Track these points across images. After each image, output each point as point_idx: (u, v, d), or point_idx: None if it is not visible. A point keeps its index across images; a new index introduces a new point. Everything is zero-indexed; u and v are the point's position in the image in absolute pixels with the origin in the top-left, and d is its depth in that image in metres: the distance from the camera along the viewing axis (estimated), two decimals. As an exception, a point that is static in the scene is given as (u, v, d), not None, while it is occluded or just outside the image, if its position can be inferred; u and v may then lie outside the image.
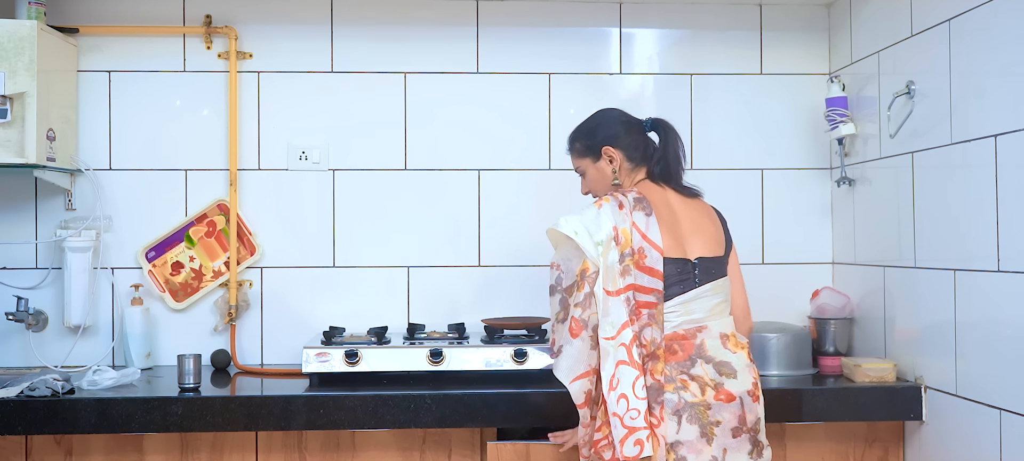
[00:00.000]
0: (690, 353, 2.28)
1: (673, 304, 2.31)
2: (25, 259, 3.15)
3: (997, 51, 2.37)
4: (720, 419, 2.24)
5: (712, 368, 2.28)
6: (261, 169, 3.21)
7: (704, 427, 2.24)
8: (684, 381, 2.25)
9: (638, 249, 2.30)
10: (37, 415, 2.52)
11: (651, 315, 2.28)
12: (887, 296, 2.91)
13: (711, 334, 2.32)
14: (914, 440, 2.74)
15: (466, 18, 3.26)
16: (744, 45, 3.32)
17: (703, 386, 2.26)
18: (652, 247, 2.30)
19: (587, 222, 2.32)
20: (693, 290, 2.33)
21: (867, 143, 3.04)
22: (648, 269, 2.29)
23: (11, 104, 2.80)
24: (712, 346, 2.30)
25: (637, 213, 2.33)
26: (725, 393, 2.26)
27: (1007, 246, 2.33)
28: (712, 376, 2.27)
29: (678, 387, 2.25)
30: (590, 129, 2.54)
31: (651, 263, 2.30)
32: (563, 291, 2.33)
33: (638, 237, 2.31)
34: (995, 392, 2.38)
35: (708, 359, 2.29)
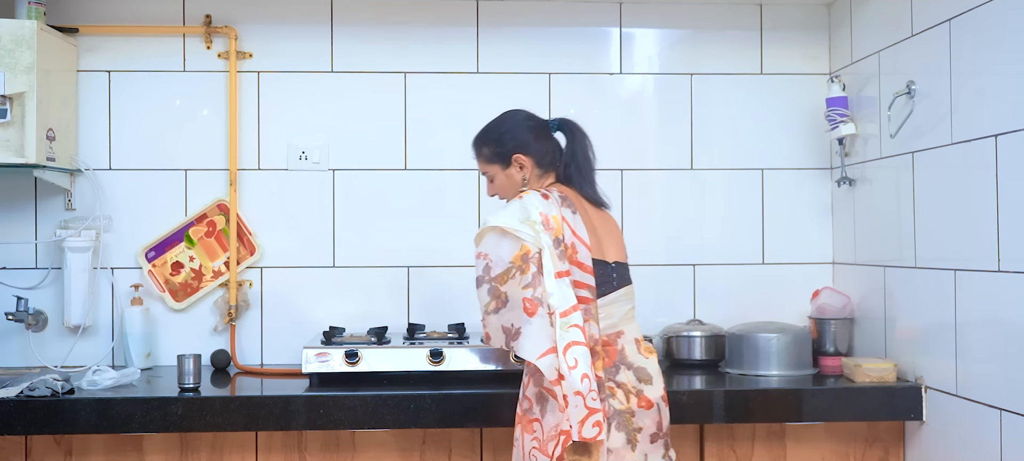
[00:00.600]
0: (614, 359, 2.27)
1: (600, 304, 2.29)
2: (25, 259, 3.15)
3: (997, 51, 2.37)
4: (642, 425, 2.24)
5: (632, 375, 2.27)
6: (261, 169, 3.21)
7: (629, 434, 2.22)
8: (611, 389, 2.24)
9: (570, 244, 2.26)
10: (37, 415, 2.52)
11: (587, 311, 2.23)
12: (887, 296, 2.91)
13: (628, 340, 2.31)
14: (914, 440, 2.74)
15: (466, 18, 3.26)
16: (744, 45, 3.32)
17: (627, 393, 2.24)
18: (581, 243, 2.28)
19: (514, 212, 2.25)
20: (612, 293, 2.32)
21: (867, 143, 3.04)
22: (580, 264, 2.26)
23: (11, 104, 2.79)
24: (631, 352, 2.30)
25: (565, 209, 2.30)
26: (645, 399, 2.26)
27: (1007, 246, 2.32)
28: (634, 383, 2.26)
29: (608, 394, 2.23)
30: (498, 135, 2.46)
31: (582, 259, 2.27)
32: (492, 280, 2.22)
33: (568, 232, 2.27)
34: (996, 392, 2.38)
35: (629, 365, 2.28)
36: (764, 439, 2.75)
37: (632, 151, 3.29)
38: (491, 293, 2.23)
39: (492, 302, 2.23)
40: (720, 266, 3.30)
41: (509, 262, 2.20)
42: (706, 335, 3.08)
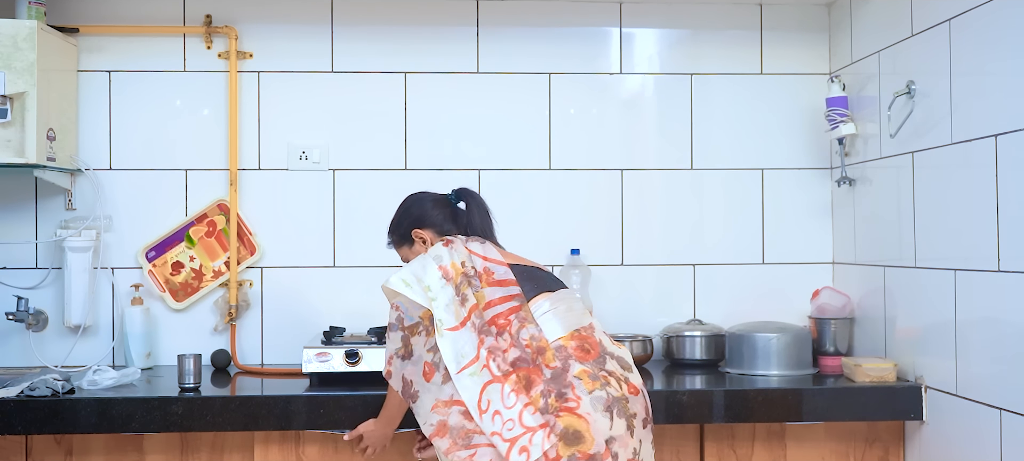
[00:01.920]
0: (598, 350, 2.31)
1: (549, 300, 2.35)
2: (25, 259, 3.15)
3: (997, 51, 2.37)
4: (635, 411, 2.26)
5: (617, 364, 2.31)
6: (261, 169, 3.21)
7: (628, 420, 2.24)
8: (605, 377, 2.26)
9: (483, 270, 2.37)
10: (37, 415, 2.52)
11: (520, 318, 2.31)
12: (887, 296, 2.91)
13: (599, 332, 2.37)
14: (914, 440, 2.74)
15: (466, 18, 3.26)
16: (744, 45, 3.32)
17: (619, 381, 2.27)
18: (496, 263, 2.39)
19: (415, 270, 2.37)
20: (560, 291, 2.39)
21: (867, 143, 3.04)
22: (499, 282, 2.36)
23: (11, 104, 2.80)
24: (607, 343, 2.35)
25: (473, 243, 2.44)
26: (631, 386, 2.29)
27: (1007, 246, 2.33)
28: (620, 371, 2.30)
29: (604, 383, 2.24)
30: (397, 221, 2.62)
31: (501, 276, 2.37)
32: (405, 329, 2.34)
33: (479, 260, 2.39)
34: (995, 392, 2.38)
35: (612, 356, 2.33)
36: (764, 439, 2.75)
37: (632, 151, 3.29)
38: (402, 341, 2.35)
39: (402, 348, 2.35)
40: (720, 266, 3.30)
41: (418, 318, 2.33)
42: (706, 335, 3.08)
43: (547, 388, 2.23)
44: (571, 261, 3.21)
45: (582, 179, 3.28)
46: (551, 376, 2.25)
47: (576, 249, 3.22)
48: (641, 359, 3.06)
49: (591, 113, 3.29)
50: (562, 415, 2.19)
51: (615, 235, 3.29)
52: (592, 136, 3.29)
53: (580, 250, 3.23)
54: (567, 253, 3.22)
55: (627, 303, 3.25)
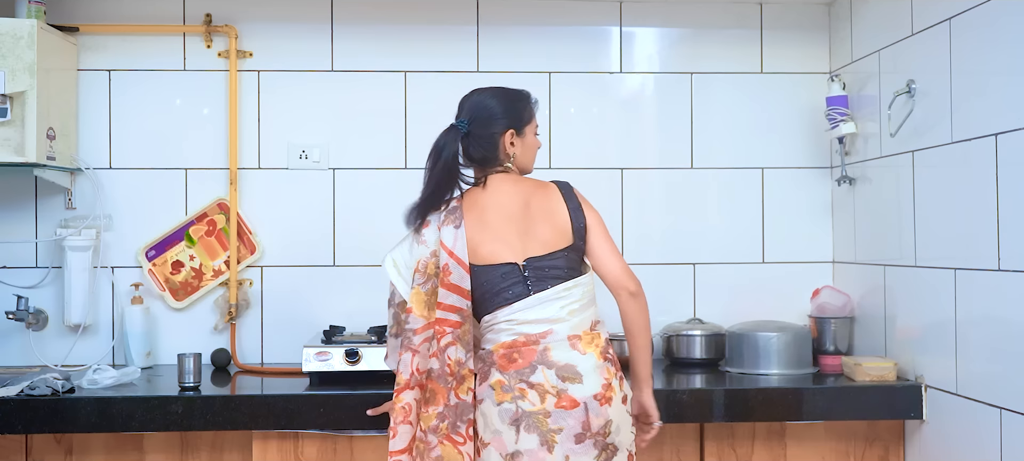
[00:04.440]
0: (531, 359, 2.23)
1: (506, 314, 2.26)
2: (25, 258, 3.15)
3: (997, 50, 2.37)
4: (561, 426, 2.18)
5: (553, 374, 2.21)
6: (261, 168, 3.21)
7: (544, 435, 2.18)
8: (522, 390, 2.21)
9: (443, 266, 2.28)
10: (37, 414, 2.52)
11: (456, 335, 2.26)
12: (887, 295, 2.91)
13: (557, 337, 2.24)
14: (915, 439, 2.74)
15: (466, 17, 3.26)
16: (745, 44, 3.32)
17: (543, 394, 2.20)
18: (458, 263, 2.27)
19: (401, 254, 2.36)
20: (527, 298, 2.26)
21: (867, 142, 3.04)
22: (453, 286, 2.27)
23: (11, 103, 2.80)
24: (557, 351, 2.22)
25: (446, 228, 2.31)
26: (568, 399, 2.20)
27: (1007, 245, 2.32)
28: (553, 382, 2.20)
29: (516, 396, 2.20)
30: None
31: (456, 280, 2.27)
32: (396, 306, 2.37)
33: (445, 255, 2.28)
34: (996, 391, 2.38)
35: (550, 364, 2.22)
36: (764, 438, 2.75)
37: (632, 150, 3.29)
38: (394, 318, 2.38)
39: (394, 326, 2.38)
40: (720, 265, 3.30)
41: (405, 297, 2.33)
42: (706, 334, 3.08)
43: (445, 413, 2.24)
44: (571, 260, 3.21)
45: (582, 178, 3.25)
46: (456, 405, 2.24)
47: (576, 248, 3.22)
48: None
49: (591, 112, 3.29)
50: (445, 444, 2.22)
51: (615, 234, 3.28)
52: (592, 135, 3.29)
53: (580, 249, 3.23)
54: (567, 252, 3.22)
55: (627, 302, 3.24)
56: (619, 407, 2.24)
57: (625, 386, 2.29)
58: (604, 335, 2.30)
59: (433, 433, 2.23)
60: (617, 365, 2.29)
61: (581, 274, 2.31)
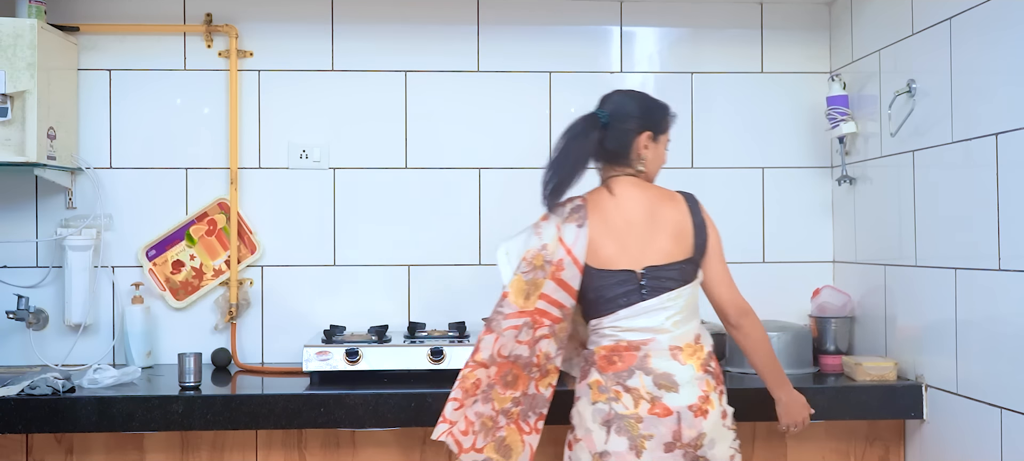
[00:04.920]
0: (630, 364, 2.25)
1: (614, 319, 2.28)
2: (26, 257, 3.15)
3: (998, 49, 2.37)
4: (652, 433, 2.20)
5: (651, 381, 2.23)
6: (262, 168, 3.21)
7: (633, 440, 2.20)
8: (617, 392, 2.23)
9: (557, 261, 2.30)
10: (38, 414, 2.52)
11: (552, 329, 2.30)
12: (888, 295, 2.91)
13: (659, 346, 2.26)
14: (915, 439, 2.74)
15: (467, 17, 3.26)
16: (745, 44, 3.32)
17: (637, 399, 2.22)
18: (573, 262, 2.29)
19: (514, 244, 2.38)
20: (639, 304, 2.27)
21: (868, 142, 3.04)
22: (563, 283, 2.29)
23: (12, 102, 2.80)
24: (657, 359, 2.25)
25: (568, 226, 2.32)
26: (661, 407, 2.21)
27: (1008, 245, 2.32)
28: (649, 389, 2.22)
29: (611, 398, 2.23)
30: None
31: (567, 278, 2.29)
32: None
33: (561, 251, 2.30)
34: (996, 391, 2.38)
35: (648, 371, 2.24)
36: (764, 438, 2.75)
37: (633, 150, 3.29)
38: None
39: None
40: (720, 265, 3.30)
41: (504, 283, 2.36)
42: (707, 334, 3.08)
43: (520, 400, 2.28)
44: (571, 260, 3.21)
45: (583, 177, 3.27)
46: (533, 395, 2.28)
47: (576, 248, 3.22)
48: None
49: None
50: (511, 428, 2.27)
51: (615, 234, 3.29)
52: (592, 135, 3.28)
53: (580, 249, 3.23)
54: (567, 252, 3.22)
55: (627, 302, 3.24)
56: (716, 421, 2.25)
57: (725, 402, 2.29)
58: (707, 347, 2.31)
59: (504, 415, 2.28)
60: (719, 379, 2.30)
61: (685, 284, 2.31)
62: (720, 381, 2.30)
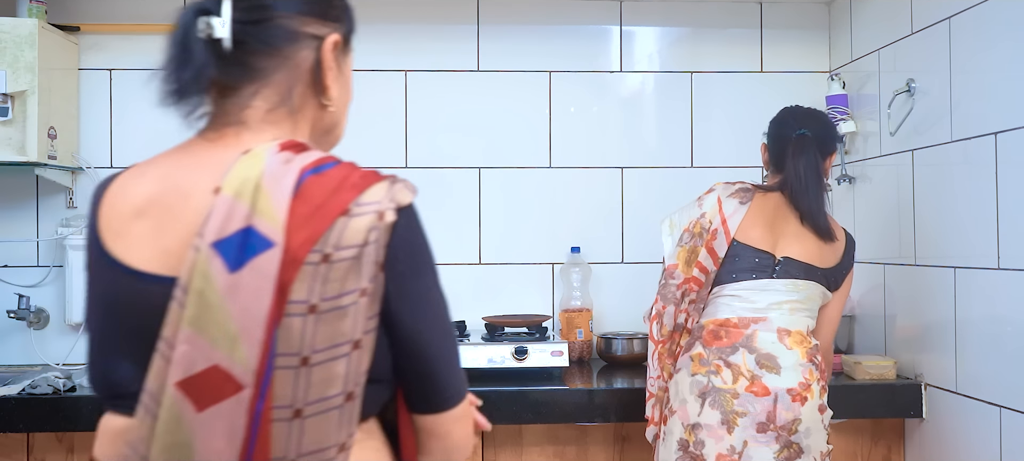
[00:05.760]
0: (735, 340, 2.28)
1: (737, 288, 2.34)
2: (26, 257, 3.15)
3: (997, 49, 2.37)
4: (746, 410, 2.22)
5: (753, 359, 2.26)
6: (262, 167, 3.21)
7: (726, 415, 2.23)
8: (718, 366, 2.27)
9: (712, 231, 2.37)
10: (39, 413, 2.52)
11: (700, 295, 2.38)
12: (887, 294, 2.91)
13: (768, 326, 2.30)
14: (914, 438, 2.74)
15: (467, 16, 3.26)
16: (744, 43, 3.32)
17: (737, 375, 2.25)
18: (725, 231, 2.36)
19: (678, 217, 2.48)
20: (764, 280, 2.33)
21: (867, 141, 3.04)
22: (711, 250, 2.37)
23: (12, 102, 2.80)
24: (764, 338, 2.28)
25: (731, 200, 2.40)
26: (760, 386, 2.24)
27: (1007, 244, 2.33)
28: (750, 367, 2.25)
29: (711, 371, 2.27)
30: None
31: (716, 246, 2.36)
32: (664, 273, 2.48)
33: (717, 220, 2.38)
34: (995, 390, 2.39)
35: (752, 350, 2.27)
36: (764, 436, 2.75)
37: (632, 149, 3.30)
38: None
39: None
40: (720, 264, 3.30)
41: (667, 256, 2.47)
42: (707, 333, 3.09)
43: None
44: (571, 259, 3.21)
45: (582, 177, 3.29)
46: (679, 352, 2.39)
47: (576, 247, 3.23)
48: (642, 357, 3.06)
49: (591, 111, 3.30)
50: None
51: (615, 233, 3.29)
52: (592, 134, 3.29)
53: (580, 248, 3.23)
54: (567, 251, 3.23)
55: (628, 301, 3.24)
56: (814, 412, 2.27)
57: (826, 399, 2.32)
58: (814, 343, 2.34)
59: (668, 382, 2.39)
60: (824, 375, 2.33)
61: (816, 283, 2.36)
62: (824, 377, 2.33)
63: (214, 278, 1.06)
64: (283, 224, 1.08)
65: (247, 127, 1.21)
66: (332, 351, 1.09)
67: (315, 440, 1.09)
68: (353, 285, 1.09)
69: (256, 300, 1.05)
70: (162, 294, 1.10)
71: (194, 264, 1.08)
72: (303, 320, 1.07)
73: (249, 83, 1.22)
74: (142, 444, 1.07)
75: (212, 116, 1.27)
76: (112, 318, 1.16)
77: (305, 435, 1.09)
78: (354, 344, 1.10)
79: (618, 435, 2.71)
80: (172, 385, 1.05)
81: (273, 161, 1.12)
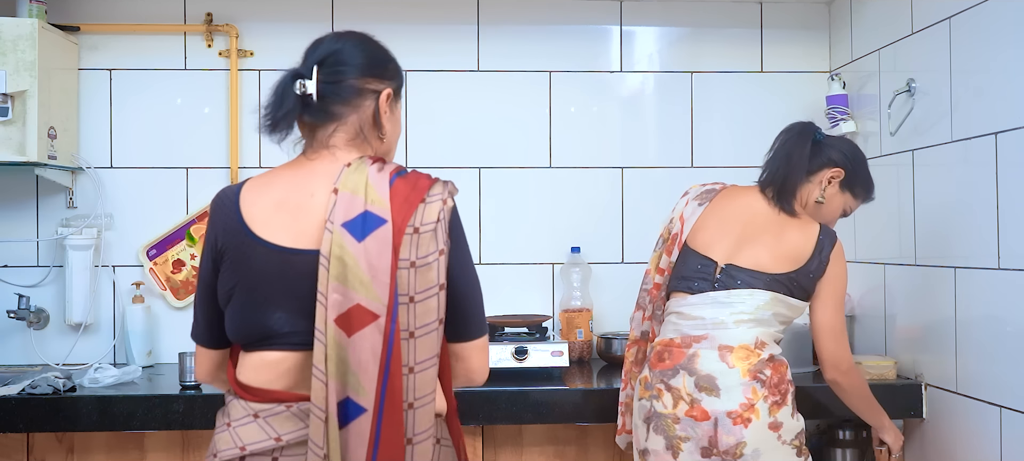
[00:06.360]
0: (677, 362, 2.23)
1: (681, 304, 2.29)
2: (26, 257, 3.15)
3: (997, 49, 2.37)
4: (688, 435, 2.17)
5: (693, 382, 2.19)
6: (262, 167, 3.21)
7: (670, 440, 2.19)
8: (660, 390, 2.24)
9: (673, 234, 2.38)
10: (39, 413, 2.52)
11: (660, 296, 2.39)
12: (887, 294, 2.91)
13: (710, 344, 2.21)
14: (915, 438, 2.74)
15: (467, 16, 3.26)
16: (745, 43, 3.32)
17: (677, 399, 2.20)
18: (681, 235, 2.37)
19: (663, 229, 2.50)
20: (705, 293, 2.25)
21: (868, 141, 3.04)
22: (669, 253, 2.38)
23: (12, 102, 2.80)
24: (706, 357, 2.20)
25: (693, 203, 2.40)
26: (699, 410, 2.17)
27: (1007, 243, 2.33)
28: (689, 390, 2.19)
29: (653, 396, 2.24)
30: None
31: (673, 249, 2.38)
32: None
33: (679, 224, 2.38)
34: (995, 389, 2.39)
35: (692, 372, 2.20)
36: (764, 436, 2.75)
37: (632, 149, 3.30)
38: None
39: None
40: (720, 264, 3.30)
41: None
42: (707, 333, 3.09)
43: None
44: (571, 259, 3.21)
45: (582, 177, 3.29)
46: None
47: (576, 247, 3.22)
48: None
49: (591, 111, 3.30)
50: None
51: (615, 233, 3.29)
52: (592, 134, 3.29)
53: (580, 248, 3.23)
54: (567, 251, 3.22)
55: (627, 301, 3.21)
56: (761, 431, 2.15)
57: (781, 413, 2.19)
58: (765, 354, 2.22)
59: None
60: (776, 390, 2.20)
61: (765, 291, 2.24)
62: (777, 392, 2.20)
63: (347, 247, 1.56)
64: (389, 208, 1.60)
65: (336, 150, 1.71)
66: (427, 292, 1.60)
67: (424, 352, 1.61)
68: (434, 248, 1.61)
69: (379, 257, 1.56)
70: (303, 261, 1.60)
71: (331, 239, 1.57)
72: (408, 272, 1.59)
73: (331, 122, 1.72)
74: (321, 362, 1.55)
75: (307, 143, 1.76)
76: (265, 282, 1.63)
77: (418, 350, 1.60)
78: (440, 287, 1.61)
79: (618, 435, 2.71)
80: (331, 321, 1.55)
81: (371, 169, 1.65)
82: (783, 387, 2.22)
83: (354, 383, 1.55)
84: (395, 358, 1.57)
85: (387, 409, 1.56)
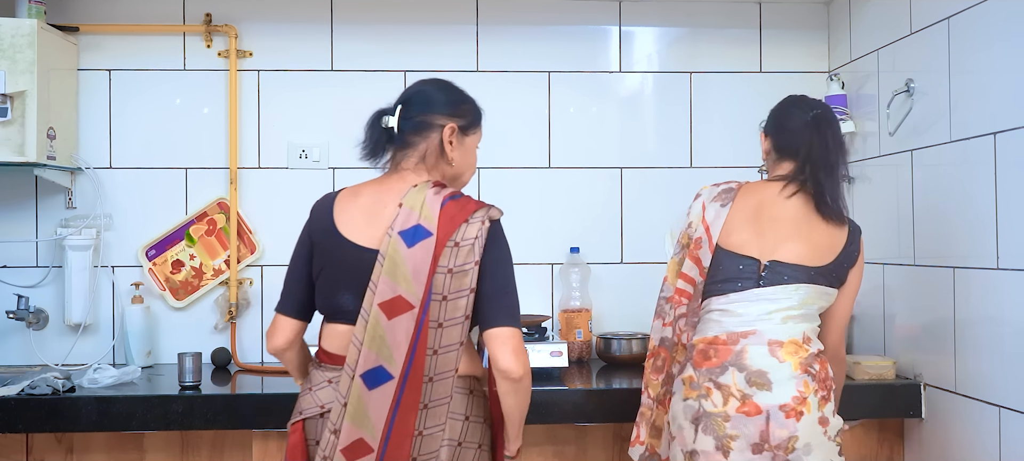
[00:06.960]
0: (724, 359, 2.19)
1: (724, 301, 2.24)
2: (26, 257, 3.15)
3: (996, 49, 2.37)
4: (739, 433, 2.14)
5: (743, 378, 2.16)
6: (261, 167, 3.21)
7: (720, 439, 2.15)
8: (708, 389, 2.19)
9: (696, 239, 2.32)
10: (38, 413, 2.52)
11: (690, 307, 2.33)
12: (887, 294, 2.91)
13: (758, 340, 2.19)
14: (914, 437, 2.74)
15: (466, 16, 3.26)
16: (743, 43, 3.32)
17: (727, 396, 2.16)
18: (708, 239, 2.30)
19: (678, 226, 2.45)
20: (751, 290, 2.23)
21: (867, 141, 3.05)
22: (696, 259, 2.31)
23: (11, 102, 2.80)
24: (754, 353, 2.17)
25: (713, 205, 2.33)
26: (751, 405, 2.14)
27: (1006, 243, 2.33)
28: (740, 386, 2.16)
29: (701, 395, 2.19)
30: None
31: (700, 254, 2.30)
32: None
33: (701, 228, 2.32)
34: (994, 389, 2.39)
35: (742, 368, 2.17)
36: (763, 436, 2.75)
37: (631, 149, 3.30)
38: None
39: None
40: (720, 264, 3.30)
41: None
42: (706, 333, 3.08)
43: (667, 381, 2.35)
44: (570, 259, 3.21)
45: (581, 177, 3.29)
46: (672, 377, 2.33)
47: (576, 247, 3.23)
48: (641, 358, 3.06)
49: (590, 111, 3.30)
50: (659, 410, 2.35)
51: (615, 233, 3.30)
52: (591, 134, 3.29)
53: (579, 248, 3.23)
54: (566, 251, 3.23)
55: (627, 301, 3.25)
56: (812, 426, 2.14)
57: (827, 409, 2.17)
58: (814, 349, 2.21)
59: (656, 401, 2.37)
60: (825, 385, 2.19)
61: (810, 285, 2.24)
62: (825, 387, 2.18)
63: (399, 250, 1.96)
64: (436, 225, 1.98)
65: (407, 172, 2.10)
66: (458, 293, 1.97)
67: (449, 339, 1.98)
68: (470, 259, 1.98)
69: (422, 263, 1.95)
70: (369, 257, 1.99)
71: (388, 242, 1.97)
72: (445, 276, 1.96)
73: (407, 149, 2.11)
74: (360, 333, 1.96)
75: (390, 164, 2.14)
76: (342, 270, 2.03)
77: (443, 337, 1.97)
78: (471, 290, 1.98)
79: (617, 435, 2.71)
80: (376, 305, 1.95)
81: (429, 192, 2.03)
82: (828, 383, 2.22)
83: (387, 355, 1.94)
84: (421, 341, 1.95)
85: (410, 379, 1.94)
